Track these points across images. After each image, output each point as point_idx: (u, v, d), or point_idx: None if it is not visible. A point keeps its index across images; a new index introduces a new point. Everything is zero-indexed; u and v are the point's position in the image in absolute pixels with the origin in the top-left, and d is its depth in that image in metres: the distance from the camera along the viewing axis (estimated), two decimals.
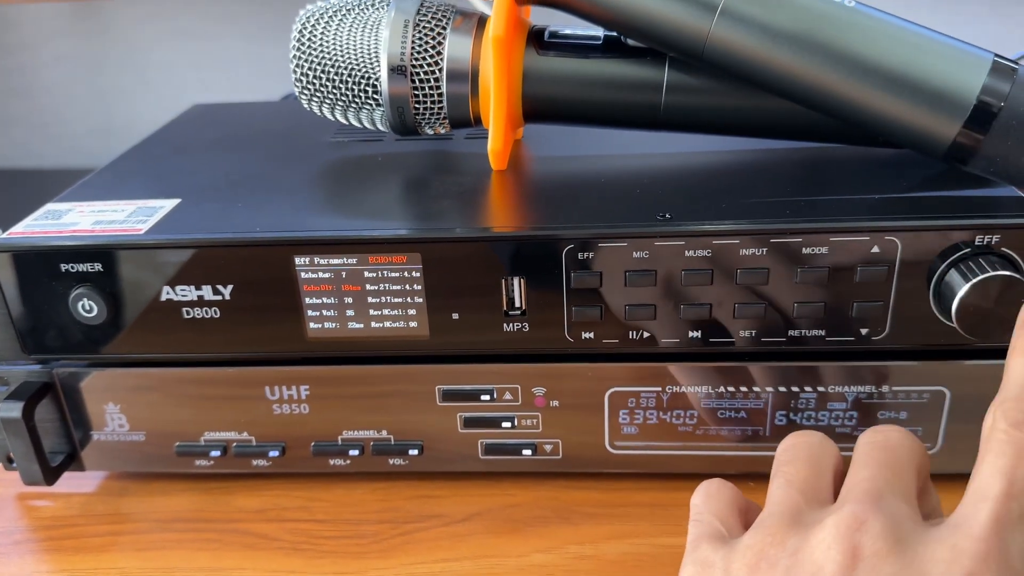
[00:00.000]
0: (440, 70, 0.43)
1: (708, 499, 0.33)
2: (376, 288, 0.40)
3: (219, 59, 1.21)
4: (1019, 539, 0.26)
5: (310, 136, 0.54)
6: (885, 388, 0.41)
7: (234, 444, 0.45)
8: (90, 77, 1.26)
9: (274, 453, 0.45)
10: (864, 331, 0.39)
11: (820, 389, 0.41)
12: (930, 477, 0.32)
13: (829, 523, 0.28)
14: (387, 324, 0.41)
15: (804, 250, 0.38)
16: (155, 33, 1.21)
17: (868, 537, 0.27)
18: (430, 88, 0.44)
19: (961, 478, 0.43)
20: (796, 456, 0.32)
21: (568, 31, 0.44)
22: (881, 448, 0.31)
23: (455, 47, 0.43)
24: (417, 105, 0.44)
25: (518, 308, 0.40)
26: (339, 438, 0.44)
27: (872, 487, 0.29)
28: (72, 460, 0.46)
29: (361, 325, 0.41)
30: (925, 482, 0.32)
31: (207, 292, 0.41)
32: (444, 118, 0.45)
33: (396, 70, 0.43)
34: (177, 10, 1.20)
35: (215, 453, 0.45)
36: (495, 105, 0.43)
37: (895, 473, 0.30)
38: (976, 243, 0.37)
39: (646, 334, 0.40)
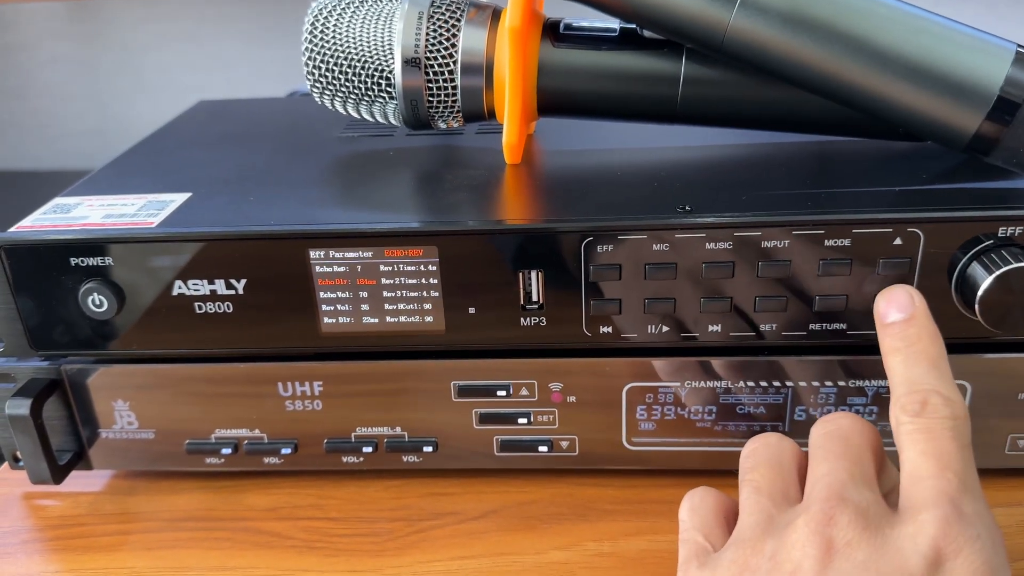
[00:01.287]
0: (455, 62, 0.43)
1: (692, 513, 0.35)
2: (391, 282, 0.40)
3: (216, 61, 1.20)
4: (968, 501, 0.29)
5: (318, 131, 0.53)
6: None
7: (245, 442, 0.44)
8: (86, 79, 1.25)
9: (286, 451, 0.44)
10: None
11: (840, 383, 0.41)
12: (885, 454, 0.34)
13: (800, 523, 0.30)
14: (402, 319, 0.40)
15: (826, 242, 0.38)
16: (152, 35, 1.21)
17: (839, 529, 0.29)
18: (444, 81, 0.43)
19: (982, 474, 0.42)
20: (758, 462, 0.34)
21: (584, 23, 0.44)
22: (835, 439, 0.33)
23: (470, 39, 0.43)
24: (431, 98, 0.44)
25: (535, 302, 0.40)
26: (352, 435, 0.44)
27: (834, 480, 0.31)
28: (80, 458, 0.45)
29: (376, 320, 0.40)
30: (881, 461, 0.34)
31: (220, 286, 0.40)
32: (458, 111, 0.44)
33: (410, 62, 0.43)
34: (174, 12, 1.19)
35: (226, 451, 0.44)
36: (510, 98, 0.42)
37: (853, 461, 0.32)
38: (999, 235, 0.37)
39: (665, 328, 0.40)
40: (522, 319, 0.40)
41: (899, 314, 0.34)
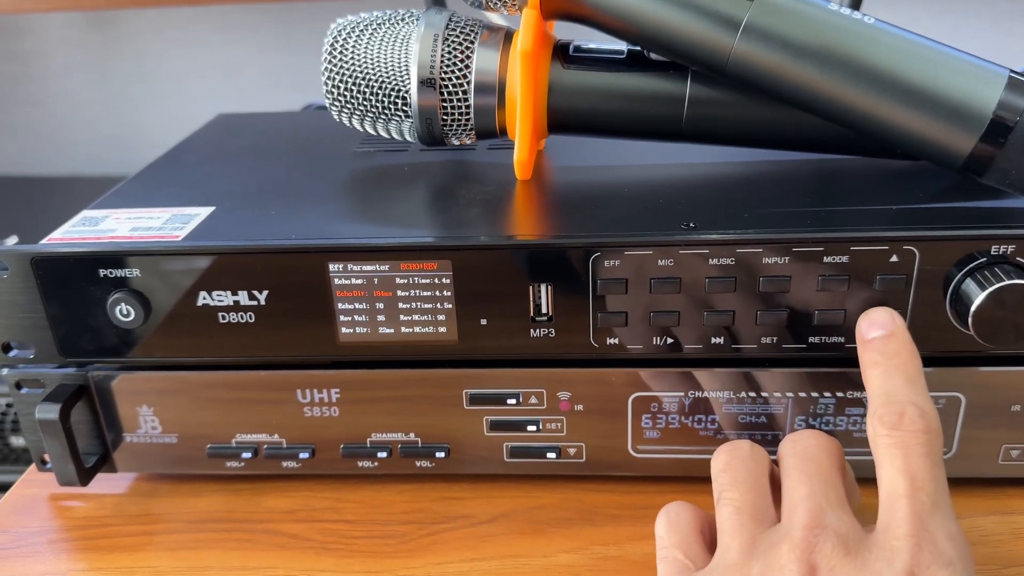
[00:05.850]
0: (468, 83, 0.44)
1: (670, 529, 0.36)
2: (407, 294, 0.41)
3: (229, 69, 1.22)
4: (939, 523, 0.30)
5: (335, 146, 0.55)
6: None
7: (265, 446, 0.46)
8: (101, 86, 1.27)
9: (304, 455, 0.46)
10: None
11: (839, 395, 0.42)
12: (849, 468, 0.36)
13: (785, 549, 0.31)
14: (417, 329, 0.42)
15: (825, 259, 0.39)
16: (166, 43, 1.23)
17: (822, 556, 0.31)
18: (458, 100, 0.45)
19: (976, 483, 0.44)
20: (736, 479, 0.35)
21: (592, 45, 0.45)
22: (807, 459, 0.34)
23: (483, 60, 0.44)
24: (445, 116, 0.45)
25: (545, 314, 0.41)
26: (368, 440, 0.45)
27: (814, 506, 0.32)
28: (105, 461, 0.47)
29: (392, 330, 0.42)
30: (848, 478, 0.36)
31: (243, 297, 0.42)
32: (471, 129, 0.46)
33: (426, 83, 0.44)
34: (188, 20, 1.21)
35: (246, 455, 0.46)
36: (521, 116, 0.44)
37: (828, 484, 0.33)
38: (992, 253, 0.38)
39: (669, 340, 0.42)
40: (532, 330, 0.42)
41: (879, 331, 0.36)
